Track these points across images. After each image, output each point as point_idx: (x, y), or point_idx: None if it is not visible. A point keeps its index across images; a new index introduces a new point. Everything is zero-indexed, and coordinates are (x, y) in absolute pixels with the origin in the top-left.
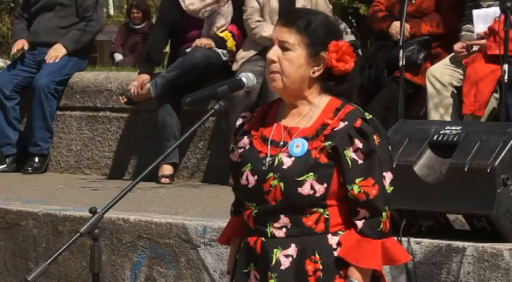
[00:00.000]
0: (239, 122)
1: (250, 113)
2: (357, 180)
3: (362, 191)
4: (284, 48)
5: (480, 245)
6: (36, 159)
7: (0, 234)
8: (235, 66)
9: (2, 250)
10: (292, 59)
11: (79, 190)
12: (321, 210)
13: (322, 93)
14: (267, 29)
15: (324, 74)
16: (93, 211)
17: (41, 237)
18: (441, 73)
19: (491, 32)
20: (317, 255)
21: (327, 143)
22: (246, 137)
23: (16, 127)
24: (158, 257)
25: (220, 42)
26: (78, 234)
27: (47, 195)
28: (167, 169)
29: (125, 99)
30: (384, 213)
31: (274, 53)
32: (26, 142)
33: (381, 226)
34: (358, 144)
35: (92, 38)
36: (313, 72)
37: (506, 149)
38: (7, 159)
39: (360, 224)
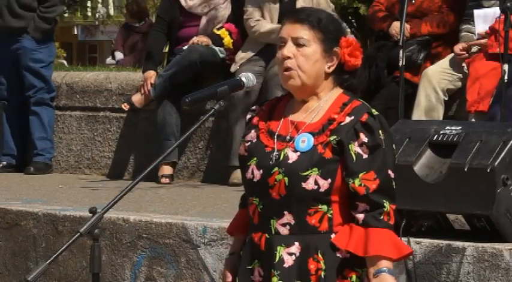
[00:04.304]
0: (249, 115)
1: (259, 106)
2: (360, 174)
3: (363, 184)
4: (299, 44)
5: (480, 245)
6: (41, 165)
7: (0, 234)
8: (234, 68)
9: (2, 250)
10: (308, 55)
11: (79, 190)
12: (325, 208)
13: (334, 88)
14: (266, 25)
15: (336, 70)
16: (93, 211)
17: (41, 237)
18: (438, 79)
19: (492, 32)
20: (320, 255)
21: (332, 138)
22: (253, 130)
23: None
24: (158, 257)
25: (217, 40)
26: (78, 234)
27: (47, 195)
28: (167, 169)
29: (128, 107)
30: (386, 205)
31: (288, 50)
32: (26, 152)
33: (383, 216)
34: (364, 138)
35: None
36: (328, 68)
37: (506, 149)
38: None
39: (361, 216)
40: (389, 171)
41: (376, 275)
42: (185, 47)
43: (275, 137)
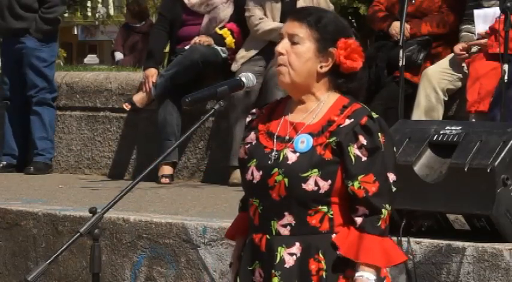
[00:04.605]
0: (248, 118)
1: (259, 109)
2: (359, 177)
3: (362, 187)
4: (293, 42)
5: (480, 245)
6: (41, 165)
7: (0, 234)
8: (234, 66)
9: (2, 250)
10: (300, 53)
11: (79, 190)
12: (325, 208)
13: (330, 90)
14: (269, 24)
15: (333, 71)
16: (93, 211)
17: (41, 237)
18: (438, 78)
19: (492, 31)
20: (321, 255)
21: (331, 139)
22: (253, 132)
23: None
24: (158, 257)
25: (219, 40)
26: (78, 234)
27: (47, 195)
28: (167, 169)
29: (129, 107)
30: (383, 211)
31: (283, 46)
32: (27, 152)
33: (380, 223)
34: (363, 140)
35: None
36: (321, 68)
37: (506, 149)
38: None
39: (359, 220)
40: (389, 174)
41: (356, 278)
42: (187, 47)
43: (274, 137)
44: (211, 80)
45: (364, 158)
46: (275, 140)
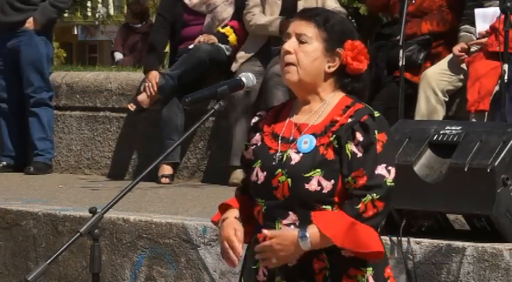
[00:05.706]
0: (254, 120)
1: (266, 111)
2: (353, 173)
3: (355, 180)
4: (301, 41)
5: (480, 245)
6: (41, 165)
7: (0, 234)
8: (234, 66)
9: (2, 250)
10: (308, 52)
11: (79, 190)
12: (329, 208)
13: (335, 91)
14: (262, 18)
15: (339, 72)
16: (93, 211)
17: (41, 237)
18: (438, 80)
19: (492, 30)
20: (324, 254)
21: (333, 138)
22: (258, 134)
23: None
24: (158, 257)
25: (223, 38)
26: (78, 234)
27: (47, 195)
28: (167, 169)
29: (134, 107)
30: (368, 195)
31: (290, 45)
32: (26, 153)
33: (359, 205)
34: (360, 137)
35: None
36: (329, 68)
37: (506, 149)
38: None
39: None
40: (391, 168)
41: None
42: (191, 46)
43: (279, 139)
44: (215, 80)
45: (359, 154)
46: (280, 141)
